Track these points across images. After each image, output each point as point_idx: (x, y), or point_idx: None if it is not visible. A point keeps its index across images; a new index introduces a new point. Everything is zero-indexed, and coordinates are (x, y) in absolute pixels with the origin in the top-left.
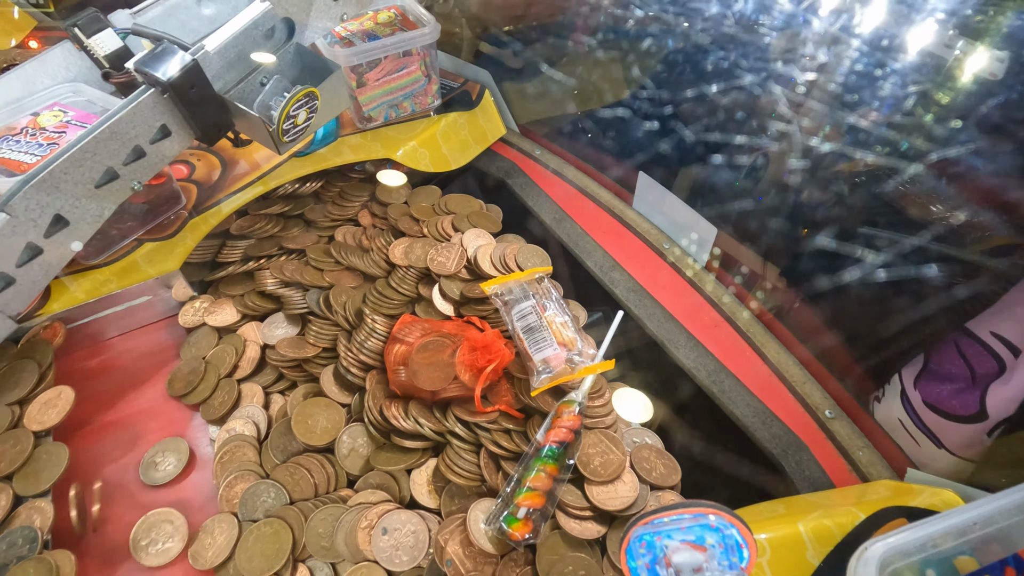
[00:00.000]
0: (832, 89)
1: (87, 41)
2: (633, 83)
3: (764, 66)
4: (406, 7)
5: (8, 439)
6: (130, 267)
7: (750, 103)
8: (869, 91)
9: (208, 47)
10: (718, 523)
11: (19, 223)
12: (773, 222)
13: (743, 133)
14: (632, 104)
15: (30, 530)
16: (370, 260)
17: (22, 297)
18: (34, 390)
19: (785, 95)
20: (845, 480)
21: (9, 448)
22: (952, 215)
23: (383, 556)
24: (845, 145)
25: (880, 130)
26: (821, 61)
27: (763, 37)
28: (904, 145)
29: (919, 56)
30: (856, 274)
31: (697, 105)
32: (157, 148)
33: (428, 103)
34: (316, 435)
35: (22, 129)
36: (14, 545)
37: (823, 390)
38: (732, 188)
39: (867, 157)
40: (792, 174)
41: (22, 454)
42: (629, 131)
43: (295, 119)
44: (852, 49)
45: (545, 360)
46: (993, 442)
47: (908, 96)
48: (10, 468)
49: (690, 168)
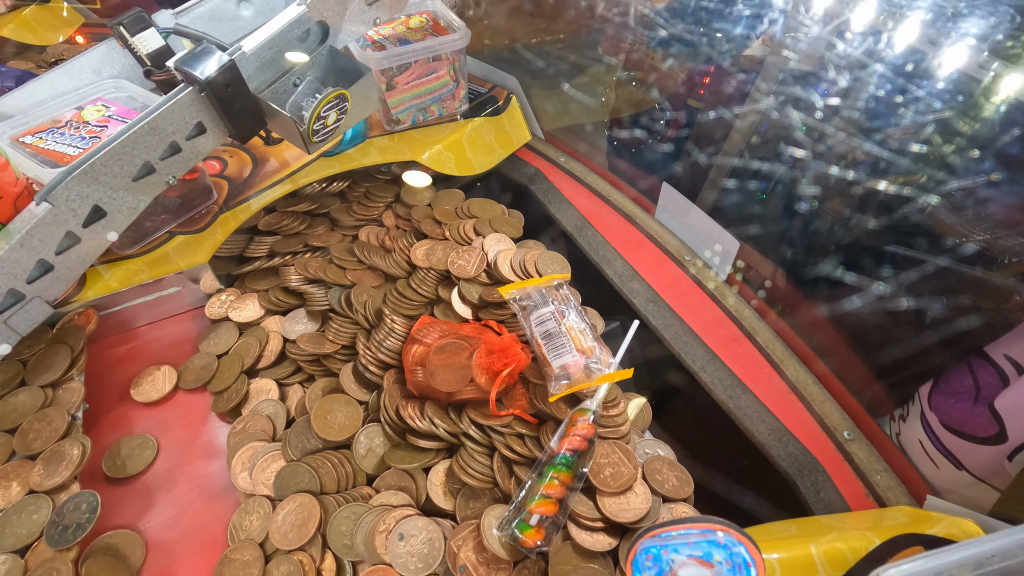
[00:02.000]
0: (860, 111)
1: (131, 39)
2: (660, 95)
3: (786, 89)
4: (438, 12)
5: (42, 418)
6: (161, 258)
7: (778, 119)
8: (897, 114)
9: (245, 48)
10: (726, 540)
11: (60, 212)
12: (798, 238)
13: (770, 148)
14: (658, 116)
15: (92, 496)
16: (392, 261)
17: (59, 283)
18: (66, 373)
19: (814, 115)
20: (861, 504)
21: (44, 426)
22: (981, 238)
23: (399, 562)
24: (874, 166)
25: (908, 153)
26: (844, 86)
27: (787, 61)
28: (928, 170)
29: (949, 80)
30: (878, 294)
31: (720, 122)
32: (192, 144)
33: (455, 107)
34: (334, 431)
35: (67, 122)
36: (78, 509)
37: (842, 410)
38: (758, 202)
39: (895, 179)
40: (819, 191)
41: (56, 434)
42: (655, 142)
43: (325, 120)
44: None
45: (564, 367)
46: (1018, 474)
47: (936, 120)
48: (44, 446)
49: (715, 181)
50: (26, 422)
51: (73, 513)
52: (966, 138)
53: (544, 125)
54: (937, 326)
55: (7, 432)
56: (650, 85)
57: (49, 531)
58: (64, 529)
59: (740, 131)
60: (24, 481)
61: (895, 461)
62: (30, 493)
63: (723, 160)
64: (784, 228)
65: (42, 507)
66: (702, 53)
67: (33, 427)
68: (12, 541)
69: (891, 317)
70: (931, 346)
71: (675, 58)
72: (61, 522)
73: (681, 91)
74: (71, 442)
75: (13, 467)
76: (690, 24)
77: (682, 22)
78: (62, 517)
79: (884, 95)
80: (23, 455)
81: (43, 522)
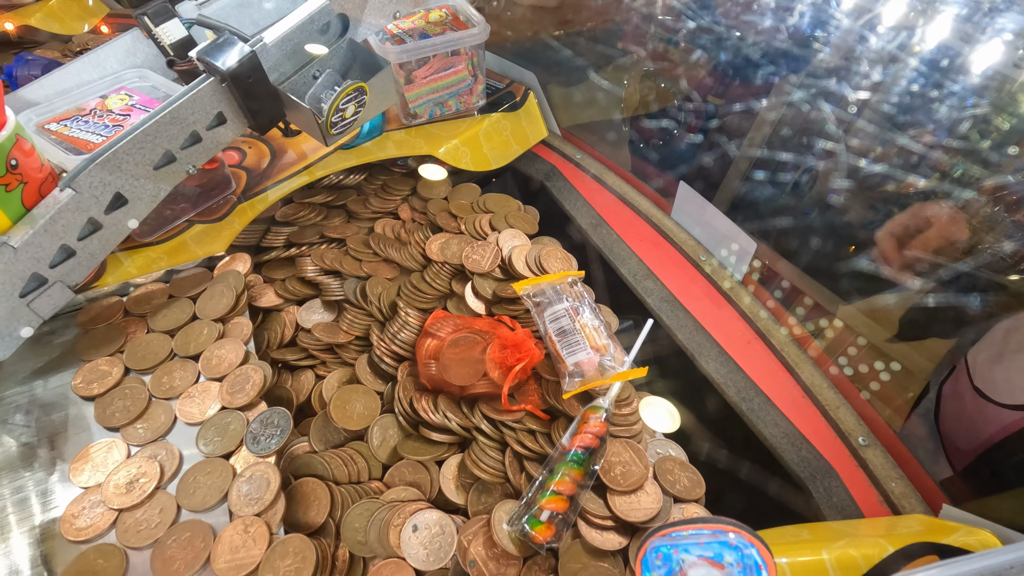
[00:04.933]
0: (885, 108)
1: (155, 29)
2: (679, 93)
3: (815, 82)
4: (457, 7)
5: (222, 346)
6: (180, 247)
7: (799, 118)
8: (923, 113)
9: (266, 39)
10: (738, 542)
11: (83, 199)
12: (816, 239)
13: (790, 149)
14: (677, 115)
15: (285, 415)
16: (407, 253)
17: (81, 269)
18: (233, 310)
19: (836, 112)
20: (875, 511)
21: (226, 353)
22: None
23: (411, 553)
24: (896, 165)
25: (934, 153)
26: (876, 80)
27: (816, 52)
28: (959, 169)
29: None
30: (898, 296)
31: (744, 119)
32: (213, 134)
33: (473, 102)
34: (353, 420)
35: (91, 110)
36: (271, 424)
37: (857, 416)
38: (776, 202)
39: (919, 180)
40: (838, 192)
41: (236, 360)
42: (672, 141)
43: (344, 112)
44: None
45: (578, 364)
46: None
47: (963, 120)
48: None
49: (733, 180)
50: (207, 350)
51: (267, 427)
52: (1002, 135)
53: (561, 122)
54: (960, 329)
55: (191, 358)
56: (674, 79)
57: (248, 441)
58: (259, 439)
59: (763, 126)
60: (215, 399)
61: (911, 469)
62: (223, 409)
63: (748, 152)
64: (801, 227)
65: (236, 421)
66: (727, 47)
67: (215, 354)
68: (218, 448)
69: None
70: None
71: (703, 50)
72: (257, 433)
73: (705, 84)
74: (253, 368)
75: (203, 387)
76: (718, 16)
77: (710, 14)
78: (257, 429)
79: (917, 90)
80: (209, 378)
81: (241, 433)
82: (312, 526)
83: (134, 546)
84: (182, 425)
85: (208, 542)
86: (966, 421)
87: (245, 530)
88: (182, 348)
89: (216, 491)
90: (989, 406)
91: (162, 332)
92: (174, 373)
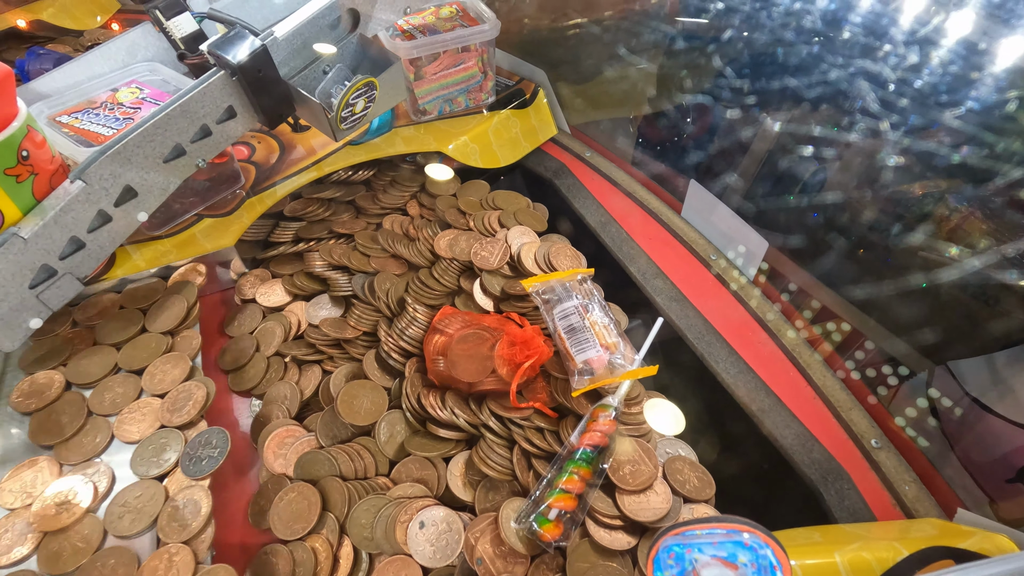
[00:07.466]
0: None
1: (166, 23)
2: (688, 90)
3: (829, 71)
4: (467, 3)
5: (168, 361)
6: (189, 240)
7: (809, 111)
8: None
9: (277, 34)
10: (752, 542)
11: (93, 191)
12: (828, 239)
13: (800, 144)
14: (686, 111)
15: (223, 435)
16: (415, 250)
17: (90, 261)
18: (183, 322)
19: (847, 104)
20: (888, 514)
21: (170, 368)
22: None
23: (418, 550)
24: (911, 164)
25: (946, 151)
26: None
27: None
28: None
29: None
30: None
31: (753, 114)
32: (223, 128)
33: (482, 99)
34: (360, 416)
35: (102, 103)
36: (208, 445)
37: (870, 417)
38: (786, 201)
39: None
40: (848, 190)
41: (180, 376)
42: (682, 138)
43: (353, 107)
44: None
45: (587, 361)
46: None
47: (974, 113)
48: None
49: (744, 179)
50: (151, 364)
51: (205, 448)
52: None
53: (571, 119)
54: (976, 330)
55: (135, 372)
56: (681, 76)
57: (184, 462)
58: (198, 461)
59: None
60: (155, 417)
61: (924, 472)
62: (162, 428)
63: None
64: (813, 227)
65: (174, 441)
66: (734, 43)
67: (159, 369)
68: (152, 469)
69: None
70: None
71: (708, 47)
72: (194, 454)
73: (710, 82)
74: (196, 384)
75: (144, 404)
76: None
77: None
78: (195, 450)
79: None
80: (151, 394)
81: (177, 454)
82: None
83: (55, 574)
84: (120, 444)
85: (131, 570)
86: (975, 438)
87: (170, 559)
88: (127, 362)
89: (145, 516)
90: (997, 422)
91: (108, 344)
92: (116, 389)
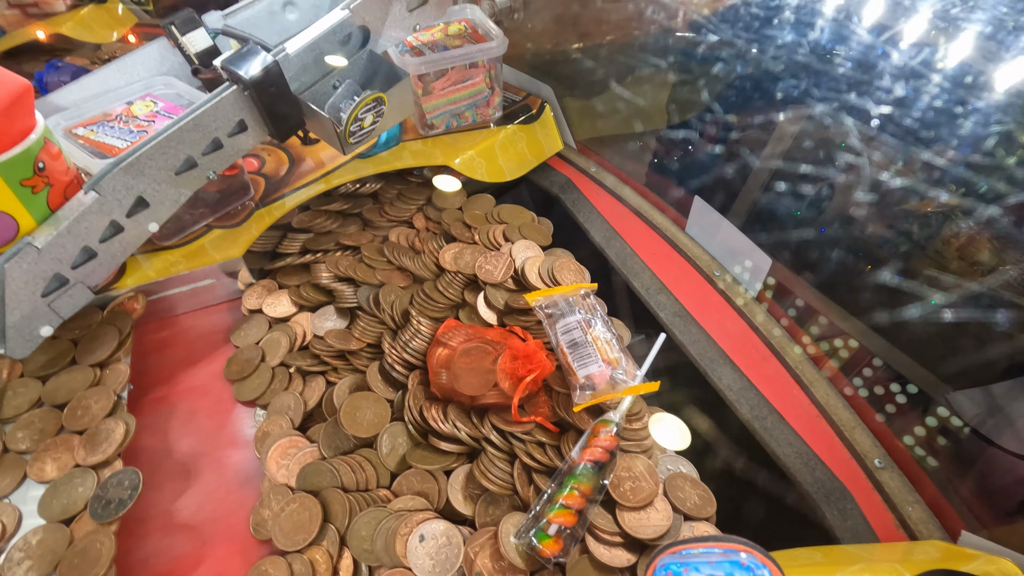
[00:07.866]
0: (907, 124)
1: (181, 39)
2: (695, 107)
3: (837, 96)
4: (476, 21)
5: (90, 396)
6: (198, 251)
7: (817, 132)
8: (946, 128)
9: (289, 50)
10: (750, 562)
11: (106, 202)
12: (834, 256)
13: (808, 163)
14: (693, 128)
15: (135, 474)
16: (420, 262)
17: (101, 270)
18: (113, 354)
19: (856, 127)
20: (891, 536)
21: (92, 404)
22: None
23: (417, 563)
24: (917, 182)
25: (956, 169)
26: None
27: (838, 67)
28: (982, 186)
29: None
30: (916, 315)
31: (761, 132)
32: (234, 141)
33: (489, 114)
34: (363, 427)
35: (117, 116)
36: (120, 486)
37: (873, 437)
38: (792, 218)
39: (941, 196)
40: (857, 208)
41: (102, 412)
42: (687, 154)
43: (362, 122)
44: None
45: (589, 376)
46: None
47: (988, 136)
48: (90, 423)
49: (748, 195)
50: (75, 399)
51: (116, 489)
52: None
53: (577, 135)
54: (981, 351)
55: (57, 407)
56: (688, 93)
57: (93, 505)
58: (107, 503)
59: (782, 142)
60: (71, 455)
61: (929, 493)
62: (76, 467)
63: (766, 164)
64: (819, 244)
65: (87, 481)
66: (745, 60)
67: (81, 404)
68: (59, 511)
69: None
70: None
71: (718, 64)
72: (105, 496)
73: (718, 99)
74: (116, 420)
75: (62, 440)
76: (739, 30)
77: (728, 29)
78: (106, 492)
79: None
80: (71, 430)
81: (88, 495)
82: None
83: None
84: (32, 484)
85: None
86: (976, 469)
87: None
88: (51, 396)
89: (45, 563)
90: (998, 454)
91: (33, 377)
92: (34, 424)
